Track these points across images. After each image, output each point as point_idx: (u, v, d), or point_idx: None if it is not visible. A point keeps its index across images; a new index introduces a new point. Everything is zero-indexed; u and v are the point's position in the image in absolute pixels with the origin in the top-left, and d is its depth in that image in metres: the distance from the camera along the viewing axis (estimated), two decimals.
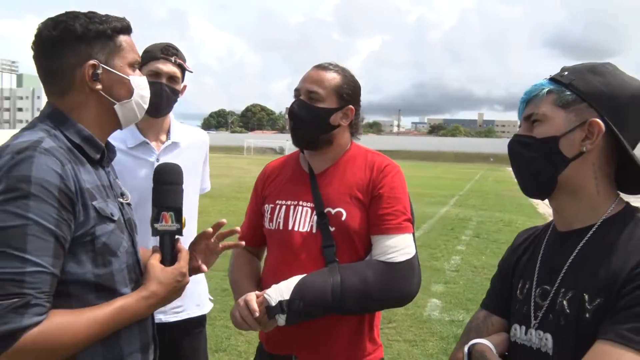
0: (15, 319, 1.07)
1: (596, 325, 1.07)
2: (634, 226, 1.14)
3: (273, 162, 2.08)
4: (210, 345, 4.39)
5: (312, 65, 1.89)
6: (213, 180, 2.62)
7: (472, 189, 23.22)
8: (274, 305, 1.64)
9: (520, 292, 1.27)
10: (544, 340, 1.17)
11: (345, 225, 1.76)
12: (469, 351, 1.25)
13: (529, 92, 1.24)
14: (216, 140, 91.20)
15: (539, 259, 1.26)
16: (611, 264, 1.10)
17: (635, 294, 1.03)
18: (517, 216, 13.21)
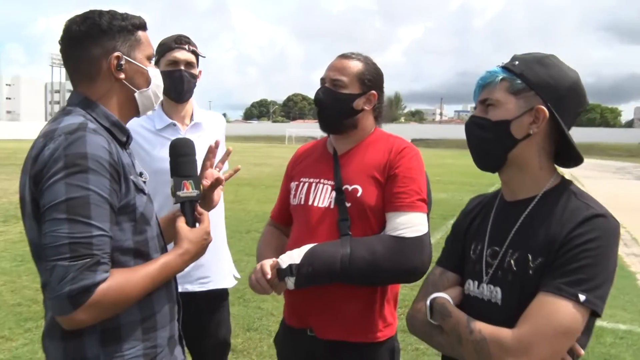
0: (89, 275, 1.23)
1: (537, 280, 1.28)
2: (567, 198, 1.35)
3: (304, 146, 2.25)
4: (243, 324, 4.65)
5: (337, 55, 2.02)
6: (254, 169, 2.82)
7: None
8: (284, 268, 1.78)
9: (473, 252, 1.47)
10: (494, 293, 1.38)
11: (360, 201, 1.88)
12: (430, 303, 1.42)
13: (484, 78, 1.41)
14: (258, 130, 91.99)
15: (489, 224, 1.46)
16: (550, 229, 1.31)
17: (569, 255, 1.24)
18: None
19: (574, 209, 1.31)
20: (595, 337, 4.57)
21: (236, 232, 8.17)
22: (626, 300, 5.73)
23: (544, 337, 1.20)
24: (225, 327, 2.63)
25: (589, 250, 1.24)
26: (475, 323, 1.30)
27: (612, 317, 5.18)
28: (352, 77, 1.95)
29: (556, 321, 1.20)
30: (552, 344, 1.21)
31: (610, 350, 4.34)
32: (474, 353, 1.28)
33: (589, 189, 19.21)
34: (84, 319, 1.26)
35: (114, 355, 1.38)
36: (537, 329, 1.21)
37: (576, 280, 1.22)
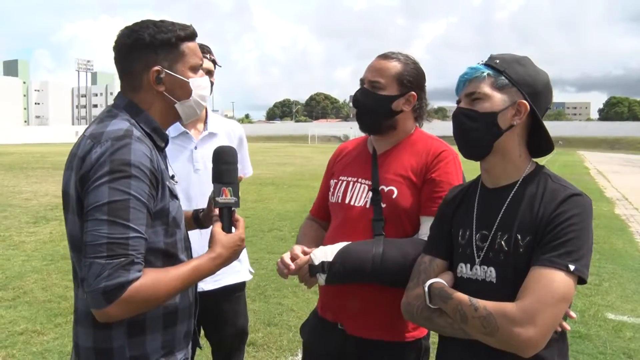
0: (124, 274, 1.31)
1: (528, 257, 1.41)
2: (545, 181, 1.49)
3: (346, 143, 2.27)
4: (264, 319, 4.75)
5: (377, 55, 2.02)
6: (277, 168, 2.92)
7: None
8: (316, 265, 1.82)
9: (462, 238, 1.57)
10: (488, 273, 1.49)
11: (395, 203, 1.90)
12: (428, 289, 1.51)
13: (470, 74, 1.53)
14: (281, 130, 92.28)
15: (474, 211, 1.57)
16: (534, 210, 1.45)
17: (555, 231, 1.39)
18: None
19: (553, 190, 1.46)
20: (615, 332, 4.59)
21: (258, 231, 8.28)
22: None
23: (545, 305, 1.32)
24: (243, 317, 2.74)
25: (572, 225, 1.39)
26: (478, 301, 1.40)
27: (632, 311, 5.17)
28: (391, 78, 1.94)
29: (554, 290, 1.33)
30: (553, 311, 1.33)
31: (630, 345, 4.33)
32: (481, 328, 1.37)
33: (615, 184, 19.05)
34: (116, 314, 1.34)
35: (137, 346, 1.48)
36: (538, 299, 1.33)
37: (565, 252, 1.36)
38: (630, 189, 17.24)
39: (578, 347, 4.24)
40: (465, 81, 1.54)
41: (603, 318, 4.93)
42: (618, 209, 12.38)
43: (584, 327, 4.67)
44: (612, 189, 17.22)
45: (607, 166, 30.46)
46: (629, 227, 9.92)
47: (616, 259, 7.20)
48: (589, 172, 24.55)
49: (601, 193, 15.48)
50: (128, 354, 1.47)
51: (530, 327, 1.31)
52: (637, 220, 10.81)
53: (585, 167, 28.80)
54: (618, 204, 13.36)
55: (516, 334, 1.32)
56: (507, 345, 1.35)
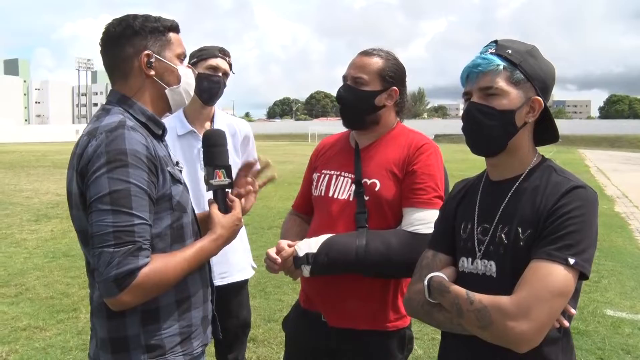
0: (133, 260, 1.35)
1: (528, 250, 1.38)
2: (549, 174, 1.46)
3: (328, 138, 2.31)
4: (264, 315, 4.78)
5: (358, 53, 2.07)
6: (277, 166, 2.95)
7: None
8: (301, 256, 1.86)
9: (464, 232, 1.55)
10: (488, 267, 1.47)
11: (378, 195, 1.94)
12: (427, 283, 1.50)
13: (484, 66, 1.45)
14: (281, 129, 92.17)
15: (477, 204, 1.55)
16: (536, 203, 1.41)
17: (555, 224, 1.35)
18: None
19: (556, 182, 1.42)
20: (614, 328, 4.61)
21: (259, 229, 8.30)
22: None
23: (540, 300, 1.29)
24: (245, 309, 2.82)
25: (573, 218, 1.35)
26: (475, 295, 1.38)
27: (631, 308, 5.19)
28: (373, 74, 1.99)
29: (550, 284, 1.30)
30: (549, 306, 1.30)
31: (628, 341, 4.36)
32: (476, 322, 1.35)
33: (616, 182, 19.04)
34: (129, 301, 1.38)
35: (153, 334, 1.51)
36: (533, 293, 1.30)
37: (564, 245, 1.32)
38: (631, 186, 17.24)
39: (577, 343, 4.25)
40: (479, 73, 1.46)
41: (602, 314, 4.95)
42: (618, 206, 12.38)
43: (583, 323, 4.69)
44: (612, 186, 17.21)
45: (608, 164, 30.43)
46: (629, 224, 9.94)
47: (616, 256, 7.22)
48: (590, 170, 24.52)
49: (601, 191, 15.46)
50: (144, 342, 1.50)
51: (523, 321, 1.28)
52: (636, 217, 10.82)
53: (585, 165, 28.76)
54: (618, 201, 13.36)
55: (509, 328, 1.29)
56: (500, 339, 1.32)
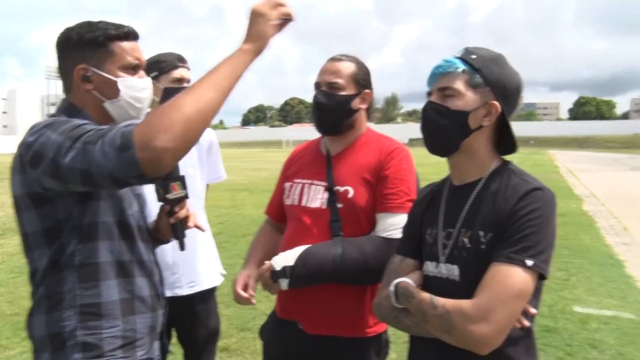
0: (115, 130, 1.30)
1: (490, 254, 1.39)
2: (508, 177, 1.48)
3: (299, 146, 2.32)
4: (237, 324, 4.73)
5: (327, 59, 2.08)
6: (251, 174, 2.91)
7: None
8: (278, 270, 1.87)
9: (429, 236, 1.57)
10: (451, 271, 1.49)
11: (352, 202, 1.94)
12: (394, 288, 1.51)
13: (444, 67, 1.49)
14: (255, 136, 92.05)
15: (441, 209, 1.57)
16: (496, 206, 1.44)
17: (514, 226, 1.38)
18: None
19: (515, 185, 1.45)
20: (581, 324, 4.69)
21: (232, 237, 8.25)
22: (613, 287, 5.84)
23: (500, 302, 1.31)
24: (214, 318, 2.78)
25: (531, 220, 1.37)
26: (438, 299, 1.39)
27: (598, 303, 5.28)
28: (347, 78, 2.01)
29: (510, 286, 1.32)
30: (508, 308, 1.32)
31: (595, 335, 4.43)
32: (439, 326, 1.37)
33: (584, 181, 19.42)
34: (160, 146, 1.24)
35: (92, 332, 1.47)
36: (493, 295, 1.32)
37: (522, 248, 1.35)
38: (598, 186, 17.59)
39: (546, 340, 4.31)
40: (439, 74, 1.50)
41: (570, 311, 5.03)
42: (586, 205, 12.61)
43: (552, 320, 4.76)
44: (581, 186, 17.54)
45: (577, 164, 31.02)
46: (596, 222, 10.13)
47: (584, 253, 7.34)
48: (559, 171, 24.98)
49: (570, 190, 15.76)
50: (81, 339, 1.45)
51: (484, 324, 1.30)
52: (603, 216, 11.04)
53: (555, 165, 29.29)
54: (586, 200, 13.61)
55: (470, 331, 1.31)
56: (463, 342, 1.34)
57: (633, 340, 4.35)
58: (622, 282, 6.05)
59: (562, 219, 10.16)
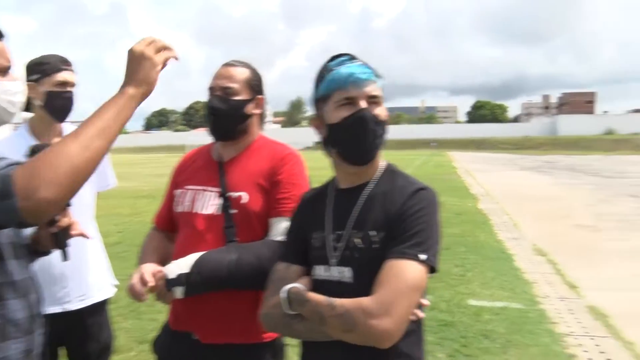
0: None
1: (383, 252, 1.44)
2: (394, 179, 1.56)
3: (189, 152, 2.27)
4: (137, 337, 4.58)
5: (221, 64, 2.06)
6: (153, 180, 2.80)
7: (412, 174, 23.75)
8: (172, 278, 1.81)
9: (317, 241, 1.59)
10: (343, 273, 1.51)
11: (245, 208, 1.94)
12: (287, 295, 1.50)
13: (369, 74, 1.52)
14: (158, 140, 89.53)
15: (328, 212, 1.59)
16: (386, 206, 1.49)
17: (404, 224, 1.45)
18: (449, 198, 13.75)
19: (401, 186, 1.52)
20: (475, 316, 4.95)
21: (132, 246, 7.93)
22: (504, 280, 6.22)
23: (399, 295, 1.36)
24: (107, 330, 2.66)
25: (420, 217, 1.45)
26: (335, 300, 1.41)
27: (490, 296, 5.60)
28: (242, 83, 2.01)
29: (407, 280, 1.37)
30: (407, 301, 1.37)
31: (487, 326, 4.70)
32: (340, 326, 1.38)
33: (480, 181, 20.54)
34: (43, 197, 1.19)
35: None
36: (392, 289, 1.36)
37: (415, 243, 1.41)
38: (493, 185, 18.69)
39: (443, 334, 4.52)
40: (365, 80, 1.51)
41: (465, 305, 5.30)
42: (481, 204, 13.34)
43: (449, 315, 4.99)
44: (477, 185, 18.54)
45: (474, 165, 32.74)
46: (490, 220, 10.73)
47: (478, 250, 7.76)
48: (457, 172, 26.23)
49: (467, 190, 16.62)
50: None
51: (386, 317, 1.33)
52: (496, 213, 11.71)
53: (454, 166, 30.72)
54: (482, 199, 14.40)
55: (373, 326, 1.33)
56: (366, 338, 1.36)
57: (520, 328, 4.66)
58: (512, 275, 6.45)
59: (460, 217, 10.72)
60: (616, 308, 5.29)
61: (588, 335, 4.58)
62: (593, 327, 4.80)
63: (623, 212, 12.62)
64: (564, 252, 7.85)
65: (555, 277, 6.44)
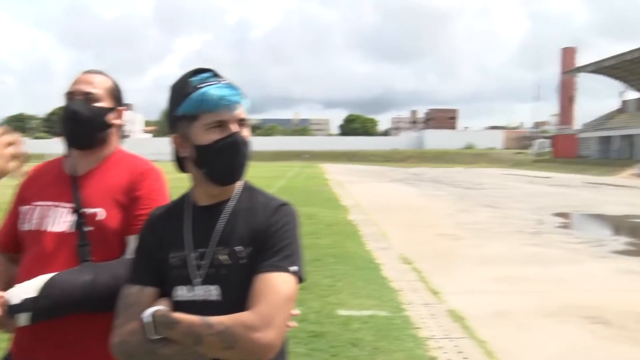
0: None
1: (250, 267, 1.45)
2: (255, 195, 1.58)
3: (37, 166, 2.08)
4: None
5: (82, 71, 1.97)
6: (4, 191, 2.52)
7: (284, 186, 24.08)
8: (16, 304, 1.65)
9: (176, 260, 1.53)
10: (209, 292, 1.47)
11: (102, 225, 1.82)
12: (152, 319, 1.41)
13: (239, 97, 1.50)
14: None
15: (187, 230, 1.54)
16: (251, 222, 1.50)
17: (272, 239, 1.47)
18: (321, 209, 14.07)
19: (264, 202, 1.54)
20: (344, 326, 5.06)
21: None
22: (372, 289, 6.44)
23: (278, 307, 1.38)
24: None
25: (286, 232, 1.48)
26: (210, 318, 1.36)
27: (359, 305, 5.77)
28: (104, 90, 1.92)
29: (282, 291, 1.40)
30: (285, 311, 1.39)
31: (356, 335, 4.82)
32: (220, 343, 1.34)
33: (352, 192, 21.27)
34: None
35: None
36: (271, 302, 1.37)
37: (284, 256, 1.45)
38: (363, 196, 19.44)
39: (314, 345, 4.57)
40: (235, 103, 1.49)
41: (335, 315, 5.40)
42: (352, 215, 13.76)
43: (319, 325, 5.05)
44: (348, 197, 19.15)
45: (345, 176, 33.80)
46: (360, 230, 11.09)
47: (348, 260, 7.96)
48: (328, 183, 26.95)
49: (338, 201, 17.10)
50: None
51: (269, 330, 1.34)
52: (366, 224, 12.15)
53: (325, 178, 31.49)
54: (352, 210, 14.87)
55: (257, 339, 1.33)
56: (248, 353, 1.35)
57: (387, 335, 4.85)
58: (379, 284, 6.71)
59: (330, 228, 10.98)
60: (472, 310, 5.70)
61: (448, 338, 4.86)
62: (452, 329, 5.11)
63: (480, 220, 13.71)
64: (428, 260, 8.33)
65: (420, 284, 6.79)
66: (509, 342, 5.00)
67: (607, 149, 59.75)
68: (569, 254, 9.47)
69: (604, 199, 21.51)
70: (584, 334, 5.33)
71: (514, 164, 64.46)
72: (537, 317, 5.77)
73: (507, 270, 8.01)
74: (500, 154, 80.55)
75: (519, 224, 13.21)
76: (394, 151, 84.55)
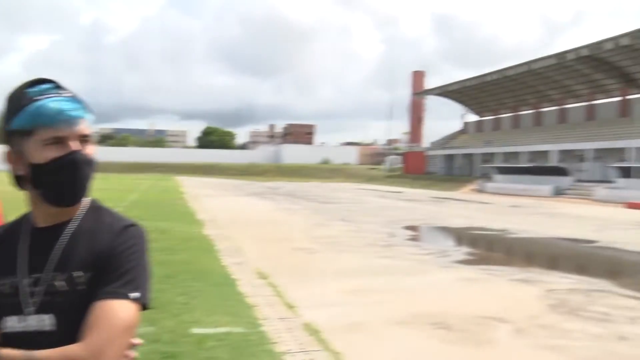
0: None
1: (89, 294, 1.32)
2: (100, 215, 1.45)
3: None
4: None
5: None
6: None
7: (137, 199, 23.09)
8: None
9: (6, 287, 1.37)
10: (43, 321, 1.34)
11: None
12: None
13: (82, 111, 1.37)
14: None
15: (22, 254, 1.40)
16: (93, 245, 1.38)
17: (114, 262, 1.35)
18: (176, 224, 13.64)
19: (109, 223, 1.42)
20: (199, 344, 4.90)
21: None
22: (228, 305, 6.32)
23: (111, 339, 1.26)
24: None
25: (130, 254, 1.37)
26: (35, 353, 1.25)
27: (213, 323, 5.62)
28: None
29: (118, 321, 1.28)
30: (119, 343, 1.28)
31: (211, 354, 4.69)
32: None
33: (207, 206, 20.91)
34: None
35: None
36: (103, 333, 1.26)
37: (125, 282, 1.33)
38: (219, 210, 19.18)
39: None
40: (76, 118, 1.35)
41: (189, 334, 5.21)
42: (207, 229, 13.50)
43: (173, 345, 4.84)
44: (204, 211, 18.78)
45: (202, 190, 33.20)
46: (215, 245, 10.89)
47: (203, 276, 7.76)
48: (184, 197, 26.27)
49: (193, 216, 16.70)
50: None
51: None
52: (221, 238, 11.97)
53: (181, 191, 30.68)
54: (208, 224, 14.59)
55: None
56: None
57: (243, 352, 4.77)
58: (235, 300, 6.60)
59: (185, 244, 10.68)
60: (327, 323, 5.81)
61: (303, 351, 4.90)
62: (308, 342, 5.16)
63: (335, 234, 14.13)
64: (284, 274, 8.38)
65: (276, 299, 6.79)
66: (362, 352, 5.17)
67: (451, 166, 64.76)
68: (417, 265, 10.07)
69: (448, 212, 23.35)
70: (430, 338, 5.67)
71: (368, 179, 67.86)
72: (389, 326, 6.04)
73: (360, 282, 8.29)
74: (355, 169, 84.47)
75: (371, 237, 13.78)
76: (252, 165, 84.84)
